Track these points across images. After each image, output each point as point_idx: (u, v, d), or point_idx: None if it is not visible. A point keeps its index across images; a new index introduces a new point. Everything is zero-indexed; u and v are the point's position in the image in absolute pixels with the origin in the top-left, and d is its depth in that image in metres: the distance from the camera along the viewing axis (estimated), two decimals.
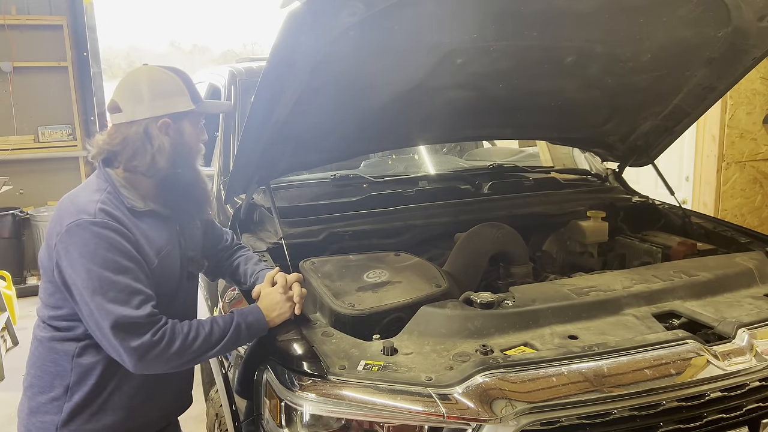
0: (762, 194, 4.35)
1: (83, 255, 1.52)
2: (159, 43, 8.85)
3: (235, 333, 1.63)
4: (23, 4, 5.87)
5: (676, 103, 2.55)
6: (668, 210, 2.79)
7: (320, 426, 1.46)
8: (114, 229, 1.56)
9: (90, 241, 1.53)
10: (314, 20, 1.53)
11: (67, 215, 1.57)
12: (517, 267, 2.31)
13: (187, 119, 1.72)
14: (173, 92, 1.69)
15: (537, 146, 3.67)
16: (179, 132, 1.71)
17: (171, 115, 1.68)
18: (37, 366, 1.70)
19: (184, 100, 1.70)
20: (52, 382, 1.67)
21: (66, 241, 1.54)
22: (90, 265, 1.51)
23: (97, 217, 1.55)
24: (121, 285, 1.52)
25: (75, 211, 1.57)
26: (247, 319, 1.67)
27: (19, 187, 5.87)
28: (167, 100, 1.68)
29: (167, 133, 1.68)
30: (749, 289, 1.96)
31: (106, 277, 1.51)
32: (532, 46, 2.04)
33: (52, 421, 1.66)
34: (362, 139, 2.44)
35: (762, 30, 2.10)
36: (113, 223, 1.57)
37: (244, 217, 2.41)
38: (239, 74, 2.91)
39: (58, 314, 1.65)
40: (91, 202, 1.59)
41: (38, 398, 1.68)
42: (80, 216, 1.55)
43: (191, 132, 1.74)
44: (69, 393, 1.65)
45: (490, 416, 1.37)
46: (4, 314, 4.42)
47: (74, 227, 1.54)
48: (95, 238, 1.53)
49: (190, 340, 1.56)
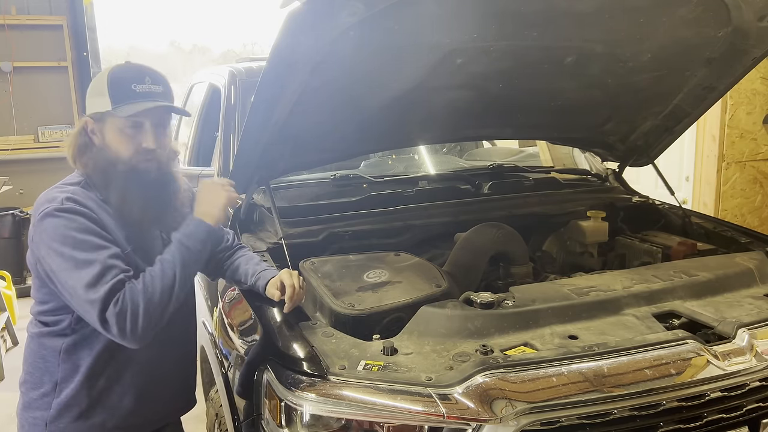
0: (762, 194, 4.35)
1: (54, 239, 1.53)
2: (159, 43, 8.84)
3: (181, 249, 1.60)
4: (23, 4, 5.87)
5: (676, 103, 2.55)
6: (668, 210, 2.79)
7: (320, 426, 1.46)
8: (80, 213, 1.56)
9: (59, 225, 1.53)
10: (314, 20, 1.54)
11: (39, 207, 1.59)
12: (517, 267, 2.31)
13: (108, 121, 1.63)
14: (95, 91, 1.65)
15: (537, 146, 3.67)
16: (101, 134, 1.65)
17: (92, 116, 1.66)
18: (29, 362, 1.71)
19: (102, 100, 1.62)
20: (41, 378, 1.68)
21: (39, 230, 1.55)
22: (62, 248, 1.52)
23: (64, 204, 1.56)
24: (94, 262, 1.51)
25: (45, 202, 1.59)
26: (185, 231, 1.63)
27: (19, 187, 5.86)
28: (90, 100, 1.67)
29: (94, 133, 1.66)
30: (749, 289, 1.96)
31: (78, 257, 1.51)
32: (532, 46, 2.04)
33: (42, 417, 1.67)
34: (362, 139, 2.44)
35: (762, 30, 2.10)
36: (79, 207, 1.57)
37: (244, 217, 2.41)
38: (239, 74, 2.91)
39: (45, 309, 1.66)
40: (60, 192, 1.60)
41: (30, 394, 1.70)
42: (49, 205, 1.56)
43: (112, 135, 1.64)
44: (57, 389, 1.66)
45: (490, 416, 1.37)
46: (4, 314, 4.42)
47: (44, 215, 1.55)
48: (63, 221, 1.53)
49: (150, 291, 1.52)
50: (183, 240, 1.62)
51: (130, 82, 1.62)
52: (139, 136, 1.64)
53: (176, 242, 1.62)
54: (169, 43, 8.83)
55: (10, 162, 5.86)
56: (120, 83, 1.62)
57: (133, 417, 1.75)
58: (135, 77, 1.64)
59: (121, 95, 1.61)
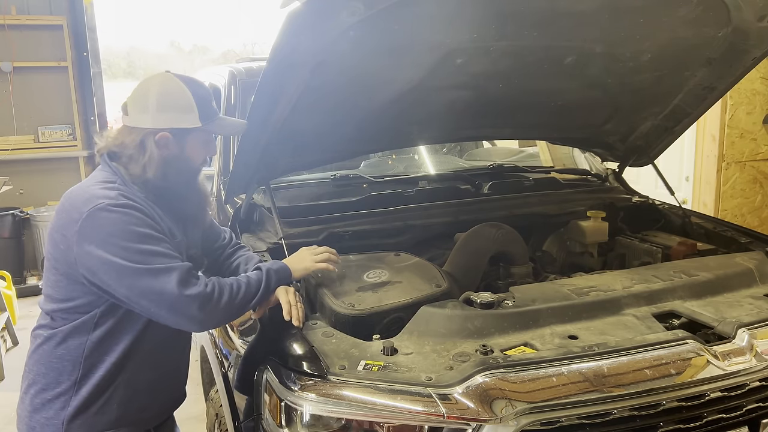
0: (762, 194, 4.35)
1: (113, 234, 1.54)
2: (159, 43, 8.85)
3: (268, 281, 1.73)
4: (23, 4, 5.87)
5: (676, 103, 2.55)
6: (668, 210, 2.79)
7: (320, 426, 1.47)
8: (137, 209, 1.60)
9: (118, 221, 1.55)
10: (314, 20, 1.53)
11: (84, 203, 1.57)
12: (517, 267, 2.31)
13: (192, 135, 1.72)
14: (180, 107, 1.68)
15: (537, 146, 3.67)
16: (180, 147, 1.70)
17: (172, 130, 1.68)
18: (41, 363, 1.69)
19: (191, 117, 1.69)
20: (58, 377, 1.67)
21: (90, 225, 1.54)
22: (123, 242, 1.53)
23: (118, 199, 1.58)
24: (161, 252, 1.57)
25: (93, 197, 1.58)
26: (274, 267, 1.78)
27: (19, 187, 5.87)
28: (171, 114, 1.67)
29: (166, 146, 1.68)
30: (749, 289, 1.96)
31: (145, 249, 1.54)
32: (532, 46, 2.04)
33: (57, 417, 1.66)
34: (362, 139, 2.44)
35: (762, 30, 2.10)
36: (134, 203, 1.60)
37: (244, 217, 2.41)
38: (239, 74, 2.91)
39: (69, 306, 1.64)
40: (108, 189, 1.61)
41: (42, 395, 1.68)
42: (100, 201, 1.56)
43: (195, 147, 1.74)
44: (76, 387, 1.66)
45: (490, 416, 1.37)
46: (4, 314, 4.42)
47: (96, 211, 1.55)
48: (123, 216, 1.56)
49: (235, 292, 1.64)
50: (269, 269, 1.77)
51: (211, 101, 1.75)
52: (211, 147, 1.82)
53: (265, 269, 1.76)
54: (169, 43, 8.83)
55: (10, 162, 5.86)
56: (205, 101, 1.72)
57: (145, 411, 1.77)
58: (210, 95, 1.77)
59: (208, 113, 1.72)
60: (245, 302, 1.68)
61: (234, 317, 1.74)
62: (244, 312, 1.72)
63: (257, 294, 1.69)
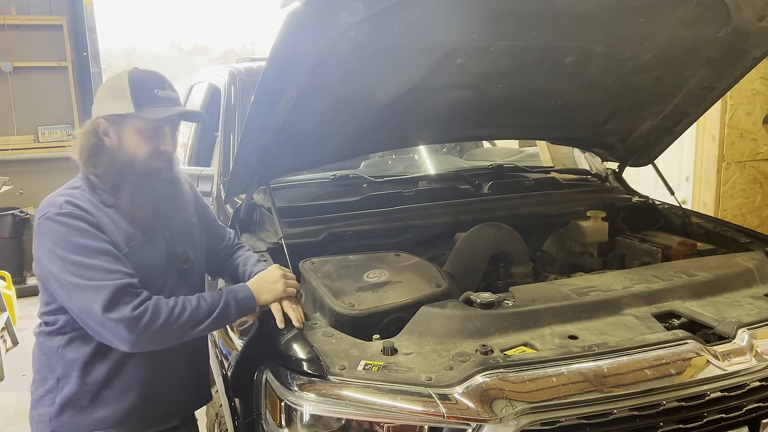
0: (762, 194, 4.35)
1: (55, 243, 1.57)
2: (159, 43, 8.86)
3: (224, 309, 1.65)
4: (23, 4, 5.87)
5: (676, 103, 2.55)
6: (668, 210, 2.79)
7: (320, 426, 1.47)
8: (79, 217, 1.59)
9: (59, 230, 1.57)
10: (314, 20, 1.53)
11: (39, 211, 1.63)
12: (517, 267, 2.30)
13: (128, 122, 1.66)
14: (114, 94, 1.66)
15: (537, 146, 3.67)
16: (119, 135, 1.68)
17: (109, 117, 1.67)
18: (35, 360, 1.76)
19: (124, 102, 1.64)
20: (45, 375, 1.73)
21: (39, 234, 1.60)
22: (62, 252, 1.56)
23: (63, 208, 1.60)
24: (96, 266, 1.55)
25: (45, 206, 1.63)
26: (236, 296, 1.69)
27: (19, 187, 5.86)
28: (105, 102, 1.68)
29: (107, 134, 1.68)
30: (749, 289, 1.96)
31: (79, 261, 1.55)
32: (532, 46, 2.04)
33: (47, 413, 1.71)
34: (362, 139, 2.44)
35: (762, 30, 2.10)
36: (78, 211, 1.60)
37: (244, 217, 2.41)
38: (239, 74, 2.91)
39: (47, 309, 1.70)
40: (61, 196, 1.64)
41: (37, 392, 1.75)
42: (49, 209, 1.61)
43: (132, 136, 1.67)
44: (59, 385, 1.70)
45: (490, 416, 1.37)
46: (4, 314, 4.42)
47: (44, 220, 1.60)
48: (63, 227, 1.57)
49: (175, 315, 1.57)
50: (230, 299, 1.67)
51: (153, 87, 1.67)
52: (158, 139, 1.70)
53: (225, 295, 1.67)
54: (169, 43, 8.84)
55: (10, 162, 5.86)
56: (143, 87, 1.66)
57: (140, 412, 1.76)
58: (156, 82, 1.69)
59: (144, 99, 1.65)
60: (189, 326, 1.60)
61: (183, 338, 1.62)
62: (196, 334, 1.62)
63: (206, 320, 1.62)
